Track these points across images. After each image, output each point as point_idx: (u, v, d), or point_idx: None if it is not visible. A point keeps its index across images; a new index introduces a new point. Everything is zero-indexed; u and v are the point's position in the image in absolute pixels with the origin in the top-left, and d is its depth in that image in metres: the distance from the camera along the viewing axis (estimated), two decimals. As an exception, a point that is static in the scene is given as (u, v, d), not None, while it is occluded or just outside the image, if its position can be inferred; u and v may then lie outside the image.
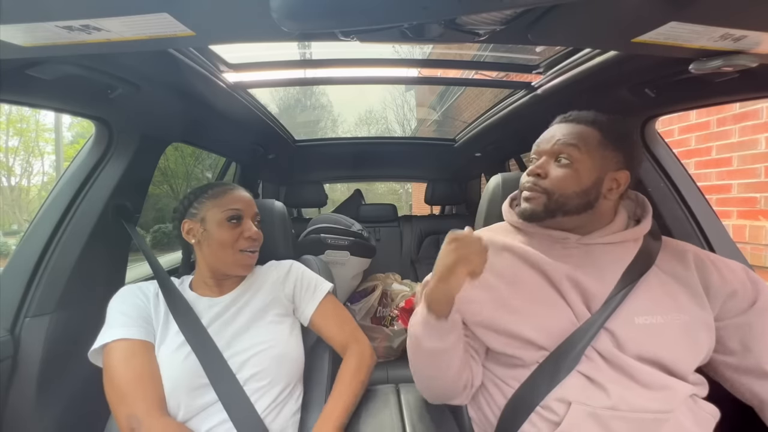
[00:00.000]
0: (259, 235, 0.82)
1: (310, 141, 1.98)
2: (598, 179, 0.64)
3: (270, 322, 0.78)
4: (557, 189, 0.65)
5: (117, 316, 0.70)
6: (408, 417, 0.78)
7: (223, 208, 0.78)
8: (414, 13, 0.43)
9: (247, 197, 0.82)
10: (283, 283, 0.85)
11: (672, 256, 0.67)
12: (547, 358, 0.61)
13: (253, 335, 0.75)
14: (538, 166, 0.67)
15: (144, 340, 0.69)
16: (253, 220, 0.82)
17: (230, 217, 0.78)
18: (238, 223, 0.79)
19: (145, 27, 0.46)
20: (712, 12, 0.45)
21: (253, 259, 0.82)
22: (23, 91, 0.69)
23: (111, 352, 0.66)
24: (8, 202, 9.24)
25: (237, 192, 0.82)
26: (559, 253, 0.66)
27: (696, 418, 0.58)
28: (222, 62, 0.96)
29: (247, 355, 0.72)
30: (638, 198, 0.73)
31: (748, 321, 0.61)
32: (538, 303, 0.64)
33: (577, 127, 0.66)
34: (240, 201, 0.80)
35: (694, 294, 0.63)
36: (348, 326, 0.84)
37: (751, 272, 0.65)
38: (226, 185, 0.82)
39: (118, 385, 0.63)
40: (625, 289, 0.61)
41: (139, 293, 0.76)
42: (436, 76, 1.57)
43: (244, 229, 0.79)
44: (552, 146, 0.66)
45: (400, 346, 1.48)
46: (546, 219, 0.67)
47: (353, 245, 1.60)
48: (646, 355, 0.59)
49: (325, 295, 0.85)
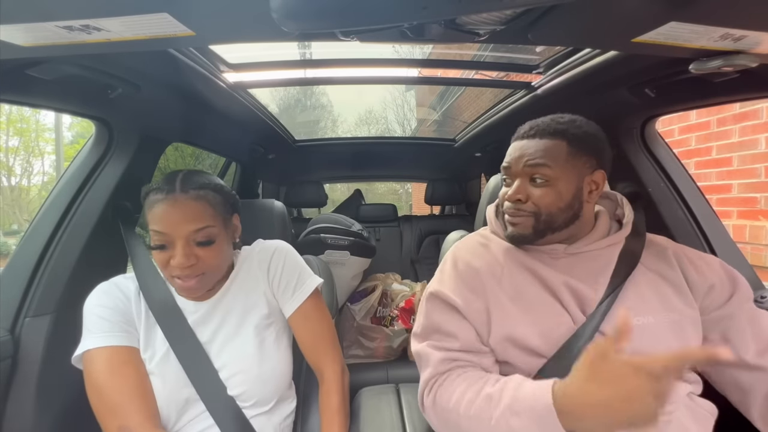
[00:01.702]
0: (192, 263, 0.64)
1: (310, 141, 1.98)
2: (578, 189, 0.63)
3: (255, 330, 0.72)
4: (542, 209, 0.63)
5: (95, 320, 0.65)
6: (408, 417, 0.78)
7: (151, 227, 0.65)
8: (414, 13, 0.42)
9: (174, 213, 0.63)
10: (267, 270, 0.77)
11: (655, 253, 0.68)
12: (545, 364, 0.61)
13: (239, 346, 0.71)
14: (516, 192, 0.65)
15: (128, 347, 0.65)
16: (189, 242, 0.64)
17: (153, 244, 0.65)
18: (164, 250, 0.64)
19: (145, 27, 0.46)
20: (712, 12, 0.45)
21: (197, 284, 0.66)
22: (23, 91, 0.69)
23: (93, 361, 0.62)
24: (8, 202, 9.24)
25: (162, 206, 0.63)
26: (550, 263, 0.66)
27: (694, 416, 0.58)
28: (222, 62, 0.96)
29: (232, 371, 0.69)
30: (617, 197, 0.74)
31: (728, 313, 0.62)
32: (540, 311, 0.63)
33: (542, 142, 0.64)
34: (162, 221, 0.63)
35: (679, 291, 0.63)
36: (323, 342, 0.77)
37: (726, 265, 0.66)
38: (160, 191, 0.65)
39: (108, 396, 0.60)
40: (615, 292, 0.62)
41: (118, 293, 0.69)
42: (436, 76, 1.57)
43: (173, 255, 0.64)
44: (522, 168, 0.64)
45: (400, 346, 1.48)
46: (536, 240, 0.66)
47: (353, 245, 1.60)
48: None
49: (306, 298, 0.76)
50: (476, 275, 0.68)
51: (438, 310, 0.68)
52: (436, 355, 0.63)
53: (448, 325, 0.66)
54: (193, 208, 0.65)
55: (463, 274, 0.68)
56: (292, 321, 0.77)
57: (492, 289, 0.66)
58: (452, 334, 0.65)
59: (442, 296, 0.67)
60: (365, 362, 1.49)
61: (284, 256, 0.79)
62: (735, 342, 0.61)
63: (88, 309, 0.67)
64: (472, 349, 0.64)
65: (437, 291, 0.68)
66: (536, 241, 0.67)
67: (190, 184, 0.66)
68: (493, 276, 0.67)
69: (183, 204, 0.64)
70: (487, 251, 0.72)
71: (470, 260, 0.70)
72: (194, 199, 0.65)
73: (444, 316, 0.67)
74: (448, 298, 0.66)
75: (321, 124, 6.11)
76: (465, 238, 0.79)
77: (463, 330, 0.65)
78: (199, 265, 0.66)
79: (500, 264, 0.69)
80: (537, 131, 0.65)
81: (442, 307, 0.67)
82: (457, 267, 0.70)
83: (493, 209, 0.77)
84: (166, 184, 0.66)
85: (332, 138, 2.08)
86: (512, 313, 0.63)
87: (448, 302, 0.66)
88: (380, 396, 0.84)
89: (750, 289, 0.65)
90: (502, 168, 0.69)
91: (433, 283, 0.72)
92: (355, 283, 1.71)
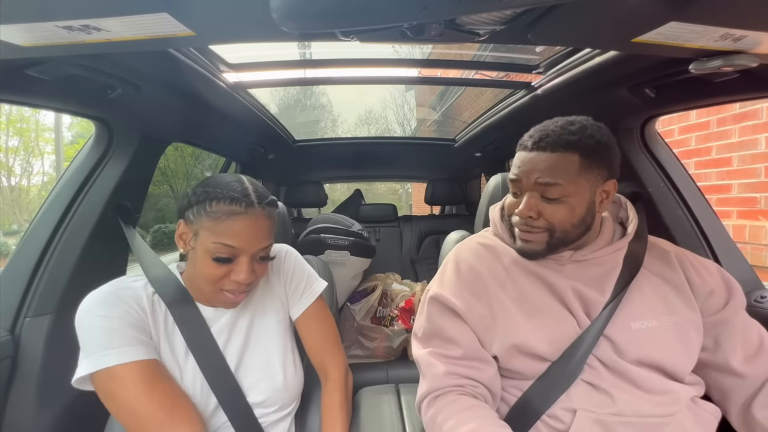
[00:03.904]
0: (253, 279, 0.63)
1: (310, 141, 1.98)
2: (591, 202, 0.62)
3: (276, 335, 0.72)
4: (556, 226, 0.61)
5: (108, 334, 0.57)
6: (408, 417, 0.78)
7: (214, 239, 0.59)
8: (414, 13, 0.43)
9: (252, 229, 0.61)
10: (278, 274, 0.77)
11: (658, 256, 0.68)
12: (549, 367, 0.61)
13: (262, 352, 0.70)
14: (527, 208, 0.62)
15: (155, 360, 0.60)
16: (254, 258, 0.63)
17: (218, 257, 0.60)
18: (227, 263, 0.61)
19: (145, 27, 0.46)
20: (712, 12, 0.45)
21: (241, 299, 0.65)
22: (23, 91, 0.69)
23: (120, 379, 0.56)
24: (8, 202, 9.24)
25: (241, 221, 0.60)
26: (557, 269, 0.66)
27: (698, 419, 0.59)
28: (222, 62, 0.96)
29: (255, 378, 0.67)
30: (620, 200, 0.73)
31: (724, 319, 0.63)
32: (546, 316, 0.63)
33: (553, 156, 0.60)
34: (239, 236, 0.60)
35: (682, 294, 0.64)
36: (329, 343, 0.78)
37: (723, 271, 0.67)
38: (234, 205, 0.60)
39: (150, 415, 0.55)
40: (618, 296, 0.61)
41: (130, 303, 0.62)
42: (436, 76, 1.57)
43: (235, 271, 0.61)
44: (534, 183, 0.61)
45: (400, 346, 1.48)
46: (549, 254, 0.65)
47: (353, 245, 1.60)
48: (646, 360, 0.59)
49: (313, 301, 0.77)
50: (479, 279, 0.67)
51: (439, 313, 0.67)
52: (439, 368, 0.63)
53: (449, 330, 0.65)
54: (267, 226, 0.63)
55: (465, 277, 0.68)
56: (300, 323, 0.77)
57: (495, 293, 0.65)
58: (454, 340, 0.64)
59: (443, 299, 0.67)
60: (365, 362, 1.49)
61: (294, 260, 0.80)
62: (725, 347, 0.63)
63: (96, 323, 0.58)
64: (475, 356, 0.64)
65: (438, 294, 0.68)
66: (548, 255, 0.66)
67: (263, 197, 0.63)
68: (496, 280, 0.67)
69: (260, 220, 0.62)
70: (490, 254, 0.71)
71: (473, 263, 0.69)
72: (267, 217, 0.63)
73: (445, 320, 0.66)
74: (449, 301, 0.66)
75: (321, 124, 6.11)
76: (467, 239, 0.78)
77: (464, 335, 0.64)
78: (255, 281, 0.64)
79: (504, 268, 0.68)
80: (548, 143, 0.61)
81: (443, 310, 0.67)
82: (459, 269, 0.69)
83: (498, 212, 0.75)
84: (242, 196, 0.61)
85: (332, 138, 2.08)
86: (517, 319, 0.63)
87: (449, 306, 0.66)
88: (380, 396, 0.84)
89: (744, 297, 0.66)
90: (510, 180, 0.66)
91: (434, 285, 0.71)
92: (355, 283, 1.71)
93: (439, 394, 0.62)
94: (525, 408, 0.61)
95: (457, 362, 0.63)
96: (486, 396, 0.62)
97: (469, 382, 0.62)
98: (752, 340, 0.63)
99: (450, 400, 0.61)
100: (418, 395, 0.65)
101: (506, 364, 0.63)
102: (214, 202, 0.60)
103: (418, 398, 0.65)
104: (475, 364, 0.63)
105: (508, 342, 0.62)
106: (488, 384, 0.63)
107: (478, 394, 0.62)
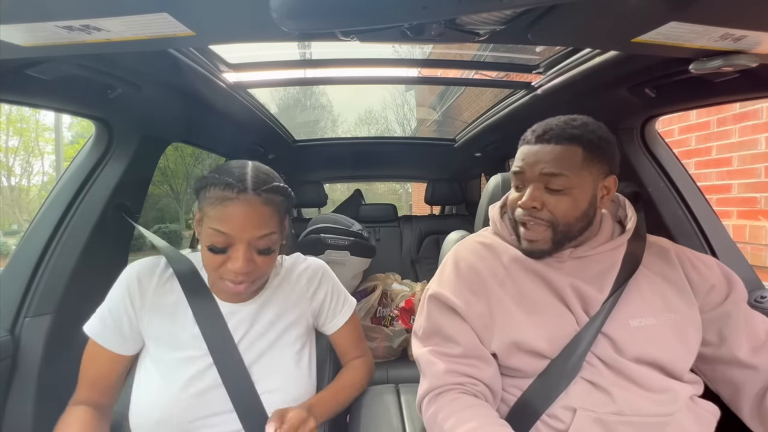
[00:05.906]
0: (251, 269, 0.61)
1: (310, 141, 1.98)
2: (593, 196, 0.63)
3: (292, 347, 0.71)
4: (558, 218, 0.62)
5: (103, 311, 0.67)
6: (408, 417, 0.78)
7: (210, 224, 0.59)
8: (414, 13, 0.43)
9: (245, 215, 0.59)
10: (314, 295, 0.76)
11: (657, 255, 0.68)
12: (549, 365, 0.61)
13: (276, 360, 0.68)
14: (531, 198, 0.62)
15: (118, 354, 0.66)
16: (250, 246, 0.61)
17: (212, 243, 0.60)
18: (222, 252, 0.60)
19: (145, 27, 0.46)
20: (712, 12, 0.45)
21: (245, 289, 0.63)
22: (23, 91, 0.69)
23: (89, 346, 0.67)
24: (8, 202, 9.24)
25: (233, 206, 0.59)
26: (556, 266, 0.66)
27: (697, 418, 0.59)
28: (222, 62, 0.96)
29: (269, 386, 0.66)
30: (619, 198, 0.74)
31: (726, 312, 0.63)
32: (545, 313, 0.63)
33: (557, 148, 0.61)
34: (231, 222, 0.58)
35: (681, 292, 0.64)
36: (362, 344, 0.84)
37: (722, 265, 0.68)
38: (227, 191, 0.59)
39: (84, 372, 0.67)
40: (617, 293, 0.62)
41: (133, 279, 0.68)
42: (436, 76, 1.57)
43: (231, 259, 0.60)
44: (538, 175, 0.62)
45: (400, 346, 1.48)
46: (554, 252, 0.65)
47: (353, 245, 1.60)
48: (645, 358, 0.59)
49: (351, 314, 0.80)
50: (478, 277, 0.67)
51: (438, 312, 0.67)
52: (439, 366, 0.63)
53: (449, 328, 0.65)
54: (263, 213, 0.61)
55: (464, 276, 0.68)
56: (335, 336, 0.80)
57: (494, 291, 0.66)
58: (453, 338, 0.64)
59: (443, 298, 0.67)
60: (365, 362, 1.49)
61: (330, 280, 0.80)
62: (730, 340, 0.62)
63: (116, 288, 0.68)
64: (475, 354, 0.64)
65: (437, 292, 0.68)
66: (554, 254, 0.66)
67: (262, 183, 0.61)
68: (495, 278, 0.67)
69: (254, 207, 0.60)
70: (489, 253, 0.71)
71: (472, 261, 0.70)
72: (265, 203, 0.61)
73: (444, 319, 0.66)
74: (449, 299, 0.66)
75: (321, 124, 6.12)
76: (466, 238, 0.78)
77: (463, 333, 0.64)
78: (255, 272, 0.63)
79: (503, 266, 0.68)
80: (552, 136, 0.62)
81: (442, 309, 0.67)
82: (458, 268, 0.70)
83: (498, 210, 0.76)
84: (237, 181, 0.60)
85: (332, 138, 2.09)
86: (517, 317, 0.63)
87: (449, 304, 0.66)
88: (380, 396, 0.84)
89: (745, 289, 0.66)
90: (514, 173, 0.67)
91: (434, 284, 0.71)
92: (355, 283, 1.71)
93: (440, 392, 0.62)
94: (525, 407, 0.61)
95: (457, 360, 0.63)
96: (486, 395, 0.62)
97: (469, 380, 0.62)
98: (758, 331, 0.63)
99: (451, 398, 0.61)
100: (419, 394, 0.65)
101: (506, 361, 0.63)
102: (211, 187, 0.61)
103: (419, 397, 0.65)
104: (475, 363, 0.63)
105: (508, 339, 0.62)
106: (489, 383, 0.63)
107: (478, 393, 0.62)
